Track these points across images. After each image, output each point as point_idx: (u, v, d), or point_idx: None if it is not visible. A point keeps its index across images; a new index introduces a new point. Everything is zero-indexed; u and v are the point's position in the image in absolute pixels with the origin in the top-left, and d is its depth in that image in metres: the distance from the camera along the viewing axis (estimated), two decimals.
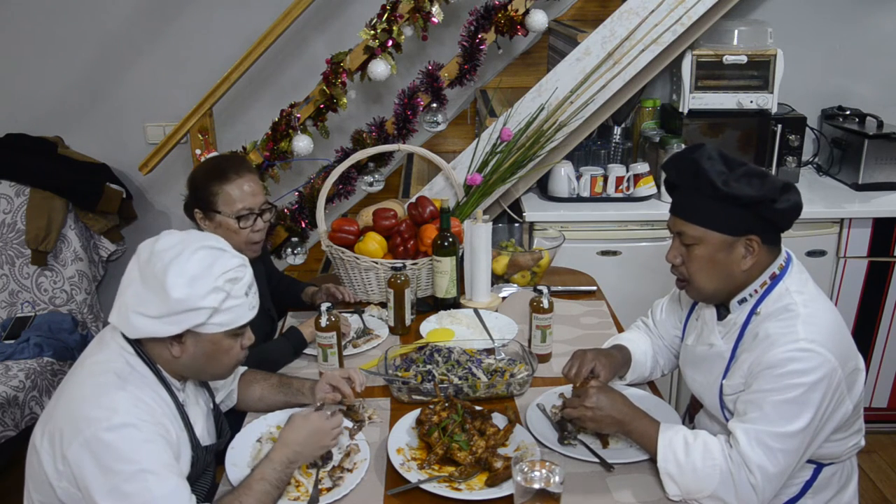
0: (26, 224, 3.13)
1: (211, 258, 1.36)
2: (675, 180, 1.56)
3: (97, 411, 1.28)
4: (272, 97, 3.35)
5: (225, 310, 1.37)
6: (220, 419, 1.61)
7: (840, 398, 1.46)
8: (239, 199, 1.91)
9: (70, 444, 1.26)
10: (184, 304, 1.32)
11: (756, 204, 1.44)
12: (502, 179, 2.66)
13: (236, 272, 1.38)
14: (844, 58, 3.26)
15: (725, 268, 1.51)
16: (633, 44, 2.59)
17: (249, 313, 1.43)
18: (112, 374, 1.34)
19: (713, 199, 1.46)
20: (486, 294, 2.24)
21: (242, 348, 1.47)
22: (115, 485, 1.24)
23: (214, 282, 1.34)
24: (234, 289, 1.38)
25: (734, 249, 1.50)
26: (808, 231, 2.81)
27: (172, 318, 1.33)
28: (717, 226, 1.48)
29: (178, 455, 1.36)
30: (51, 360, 2.88)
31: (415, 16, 2.65)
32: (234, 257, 1.41)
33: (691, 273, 1.54)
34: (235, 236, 1.93)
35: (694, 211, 1.50)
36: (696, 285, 1.56)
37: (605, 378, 1.68)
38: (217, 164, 1.97)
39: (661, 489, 1.45)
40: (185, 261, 1.34)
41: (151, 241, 1.40)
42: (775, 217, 1.47)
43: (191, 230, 1.44)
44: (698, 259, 1.52)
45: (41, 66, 3.39)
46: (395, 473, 1.48)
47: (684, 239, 1.53)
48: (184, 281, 1.32)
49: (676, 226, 1.55)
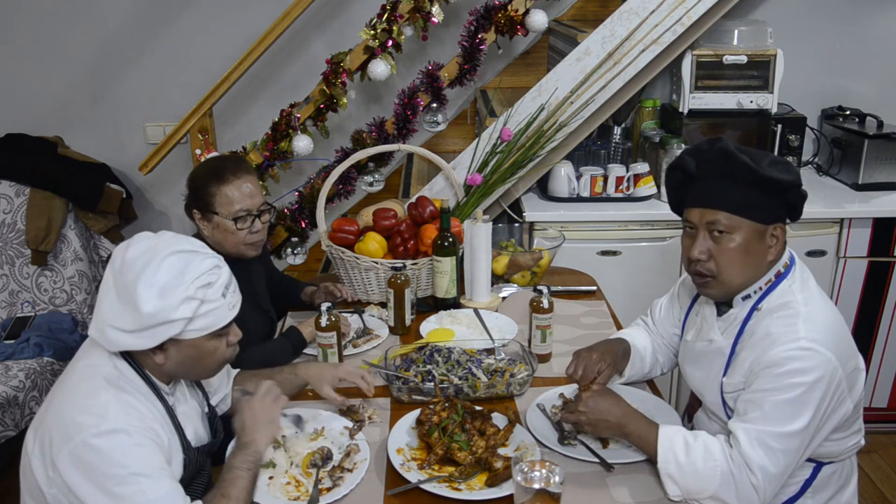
0: (26, 224, 3.13)
1: (182, 264, 1.32)
2: (701, 171, 1.51)
3: (86, 417, 1.26)
4: (272, 97, 3.35)
5: (201, 315, 1.33)
6: (215, 420, 1.60)
7: (840, 398, 1.46)
8: (236, 200, 1.91)
9: (60, 451, 1.25)
10: (156, 318, 1.29)
11: (787, 189, 1.45)
12: (502, 179, 2.66)
13: (209, 276, 1.34)
14: (844, 58, 3.26)
15: (756, 258, 1.49)
16: (634, 44, 2.59)
17: (230, 313, 1.40)
18: (101, 378, 1.32)
19: (748, 184, 1.45)
20: (486, 294, 2.24)
21: (229, 345, 1.45)
22: (107, 489, 1.23)
23: (185, 291, 1.30)
24: (209, 293, 1.34)
25: (764, 239, 1.49)
26: (808, 231, 2.81)
27: (146, 332, 1.30)
28: (752, 213, 1.46)
29: (170, 459, 1.35)
30: (51, 360, 2.88)
31: (415, 16, 2.65)
32: (206, 258, 1.36)
33: (722, 266, 1.50)
34: (233, 237, 1.94)
35: (727, 199, 1.47)
36: (724, 279, 1.51)
37: (608, 375, 1.68)
38: (215, 165, 1.97)
39: (660, 489, 1.45)
40: (155, 270, 1.29)
41: (123, 246, 1.35)
42: (799, 203, 1.47)
43: (163, 232, 1.39)
44: (731, 250, 1.48)
45: (41, 66, 3.39)
46: (395, 473, 1.48)
47: (717, 227, 1.48)
48: (154, 293, 1.28)
49: (706, 217, 1.49)
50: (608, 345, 1.76)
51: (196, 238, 1.97)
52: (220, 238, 1.96)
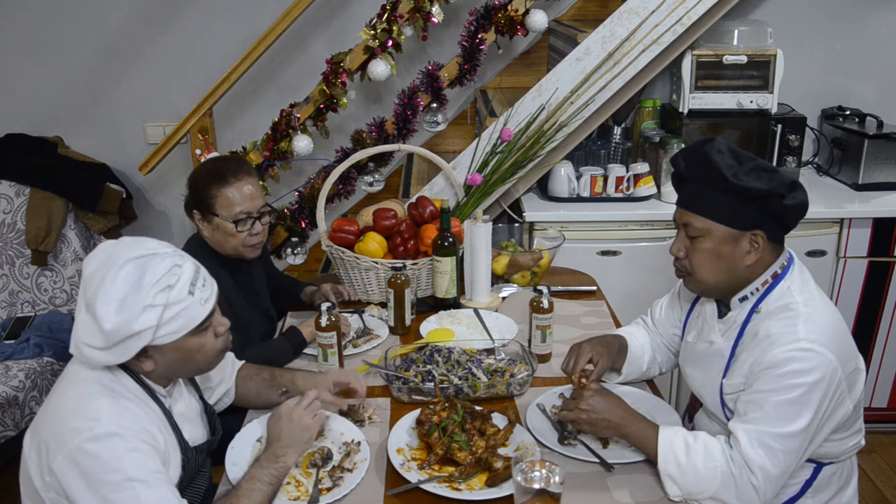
0: (26, 224, 3.13)
1: (138, 271, 1.27)
2: (684, 172, 1.55)
3: (80, 422, 1.25)
4: (272, 97, 3.35)
5: (170, 320, 1.29)
6: (213, 417, 1.60)
7: (840, 398, 1.46)
8: (237, 202, 1.91)
9: (55, 457, 1.24)
10: (119, 334, 1.26)
11: (764, 198, 1.45)
12: (502, 179, 2.66)
13: (168, 278, 1.29)
14: (844, 58, 3.26)
15: (729, 262, 1.51)
16: (634, 44, 2.59)
17: (203, 309, 1.34)
18: (94, 382, 1.32)
19: (722, 191, 1.46)
20: (486, 294, 2.24)
21: (218, 336, 1.41)
22: (102, 495, 1.22)
23: (144, 299, 1.26)
24: (172, 295, 1.29)
25: (739, 244, 1.50)
26: (808, 231, 2.81)
27: (116, 348, 1.28)
28: (724, 219, 1.48)
29: (167, 461, 1.34)
30: (51, 360, 2.88)
31: (415, 16, 2.65)
32: (163, 259, 1.30)
33: (694, 265, 1.54)
34: (233, 239, 1.94)
35: (701, 203, 1.51)
36: (697, 278, 1.56)
37: (603, 366, 1.69)
38: (216, 167, 1.97)
39: (660, 489, 1.45)
40: (111, 284, 1.26)
41: (86, 260, 1.32)
42: (782, 213, 1.47)
43: (123, 238, 1.35)
44: (702, 252, 1.52)
45: (41, 66, 3.39)
46: (395, 473, 1.48)
47: (690, 231, 1.53)
48: (112, 308, 1.25)
49: (683, 218, 1.55)
50: (603, 338, 1.78)
51: (194, 238, 1.97)
52: (221, 239, 1.96)
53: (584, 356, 1.68)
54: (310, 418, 1.47)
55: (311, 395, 1.51)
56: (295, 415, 1.46)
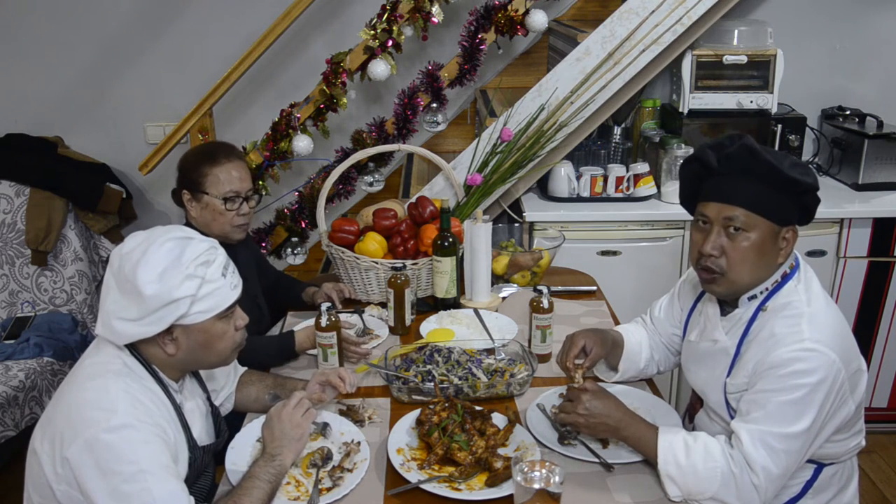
0: (26, 224, 3.13)
1: (178, 248, 1.35)
2: (723, 165, 1.49)
3: (96, 413, 1.27)
4: (272, 97, 3.35)
5: (204, 296, 1.35)
6: (219, 419, 1.61)
7: (843, 399, 1.46)
8: (227, 181, 1.98)
9: (70, 446, 1.26)
10: (159, 300, 1.31)
11: (805, 192, 1.44)
12: (502, 179, 2.66)
13: (207, 255, 1.37)
14: (844, 58, 3.26)
15: (768, 258, 1.48)
16: (634, 44, 2.59)
17: (233, 293, 1.41)
18: (110, 375, 1.34)
19: (769, 184, 1.44)
20: (486, 294, 2.24)
21: (237, 329, 1.46)
22: (114, 486, 1.24)
23: (185, 270, 1.33)
24: (209, 272, 1.36)
25: (777, 240, 1.48)
26: (808, 231, 2.81)
27: (153, 316, 1.32)
28: (769, 213, 1.45)
29: (176, 457, 1.36)
30: (51, 360, 2.88)
31: (415, 16, 2.65)
32: (202, 242, 1.39)
33: (732, 263, 1.48)
34: (221, 217, 2.00)
35: (747, 196, 1.45)
36: (732, 277, 1.49)
37: (597, 354, 1.70)
38: (207, 148, 2.06)
39: (660, 489, 1.45)
40: (152, 256, 1.32)
41: (119, 247, 1.39)
42: (813, 208, 1.47)
43: (155, 227, 1.42)
44: (744, 248, 1.46)
45: (41, 66, 3.39)
46: (395, 473, 1.48)
47: (734, 224, 1.46)
48: (154, 276, 1.31)
49: (723, 212, 1.48)
50: (596, 329, 1.79)
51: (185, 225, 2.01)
52: (209, 218, 2.01)
53: (578, 344, 1.70)
54: (299, 416, 1.50)
55: (297, 396, 1.55)
56: (284, 415, 1.50)
